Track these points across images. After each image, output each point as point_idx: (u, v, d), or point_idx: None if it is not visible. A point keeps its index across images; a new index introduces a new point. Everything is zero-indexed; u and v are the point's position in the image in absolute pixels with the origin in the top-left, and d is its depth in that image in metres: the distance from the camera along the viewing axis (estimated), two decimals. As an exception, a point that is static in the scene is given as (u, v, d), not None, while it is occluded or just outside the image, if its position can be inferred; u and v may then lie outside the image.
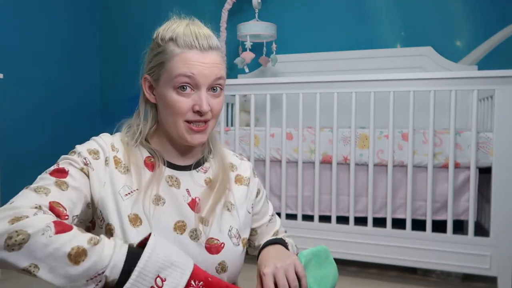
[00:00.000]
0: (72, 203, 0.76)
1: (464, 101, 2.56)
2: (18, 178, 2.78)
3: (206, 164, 0.96)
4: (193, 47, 0.83)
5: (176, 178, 0.90)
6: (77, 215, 0.78)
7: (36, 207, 0.69)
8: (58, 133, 3.20)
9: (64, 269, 0.64)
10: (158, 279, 0.66)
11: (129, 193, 0.84)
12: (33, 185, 0.75)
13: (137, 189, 0.84)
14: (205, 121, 0.87)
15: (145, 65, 0.91)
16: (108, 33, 3.64)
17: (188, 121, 0.85)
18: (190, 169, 0.93)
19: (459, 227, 2.28)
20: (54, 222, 0.66)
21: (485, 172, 2.00)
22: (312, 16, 3.03)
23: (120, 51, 3.57)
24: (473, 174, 1.92)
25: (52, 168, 0.80)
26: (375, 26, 2.89)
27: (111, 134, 0.92)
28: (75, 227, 0.68)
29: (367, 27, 2.91)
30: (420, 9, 2.79)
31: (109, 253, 0.66)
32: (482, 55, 2.54)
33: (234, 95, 2.36)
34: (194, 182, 0.91)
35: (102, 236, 0.69)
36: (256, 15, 2.88)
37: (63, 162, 0.81)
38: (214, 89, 0.86)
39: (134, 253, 0.68)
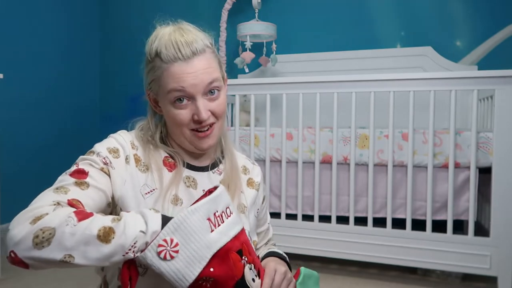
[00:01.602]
0: (93, 201, 0.77)
1: (464, 101, 2.56)
2: (19, 178, 2.79)
3: (221, 166, 0.97)
4: (177, 59, 0.82)
5: (194, 179, 0.90)
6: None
7: (54, 204, 0.70)
8: (58, 133, 3.20)
9: (98, 250, 0.65)
10: (228, 209, 0.74)
11: (149, 192, 0.84)
12: (53, 187, 0.76)
13: (156, 189, 0.85)
14: (210, 125, 0.87)
15: (144, 79, 0.91)
16: (108, 33, 3.64)
17: (193, 129, 0.86)
18: (208, 170, 0.93)
19: (459, 227, 2.28)
20: (75, 212, 0.68)
21: (485, 172, 2.00)
22: (312, 16, 3.03)
23: (120, 51, 3.57)
24: (473, 174, 1.92)
25: (71, 169, 0.80)
26: (375, 26, 2.89)
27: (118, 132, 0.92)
28: (95, 213, 0.70)
29: (367, 27, 2.91)
30: (420, 9, 2.79)
31: (138, 223, 0.68)
32: (482, 55, 2.54)
33: (234, 95, 2.36)
34: (211, 183, 0.92)
35: (123, 213, 0.71)
36: (256, 15, 2.88)
37: (82, 163, 0.81)
38: (211, 92, 0.85)
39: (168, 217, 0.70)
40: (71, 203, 0.72)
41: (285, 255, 0.98)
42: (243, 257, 0.73)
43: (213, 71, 0.85)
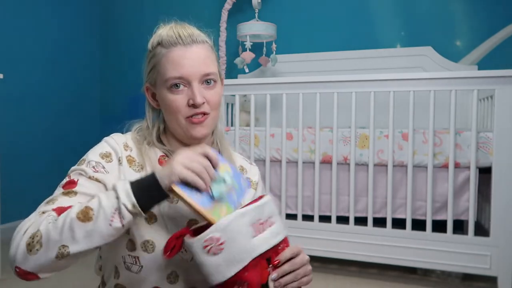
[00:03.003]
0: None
1: (464, 101, 2.56)
2: (18, 178, 2.79)
3: None
4: (177, 43, 0.86)
5: None
6: None
7: (39, 213, 0.74)
8: (58, 133, 3.20)
9: (83, 230, 0.69)
10: (270, 219, 0.77)
11: None
12: (45, 201, 0.79)
13: None
14: (204, 113, 0.88)
15: (144, 73, 0.93)
16: (108, 33, 3.64)
17: (187, 117, 0.87)
18: None
19: (459, 227, 2.28)
20: (54, 209, 0.73)
21: (485, 172, 2.00)
22: (312, 16, 3.04)
23: (120, 51, 3.57)
24: (473, 174, 1.92)
25: (64, 181, 0.83)
26: (375, 26, 2.89)
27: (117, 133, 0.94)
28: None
29: (367, 27, 2.91)
30: (420, 9, 2.79)
31: (111, 193, 0.72)
32: (482, 55, 2.54)
33: (234, 95, 2.36)
34: None
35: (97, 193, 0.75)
36: (256, 15, 2.88)
37: (73, 174, 0.84)
38: (207, 82, 0.88)
39: (139, 179, 0.74)
40: (55, 210, 0.75)
41: None
42: (270, 265, 0.77)
43: (211, 63, 0.88)
